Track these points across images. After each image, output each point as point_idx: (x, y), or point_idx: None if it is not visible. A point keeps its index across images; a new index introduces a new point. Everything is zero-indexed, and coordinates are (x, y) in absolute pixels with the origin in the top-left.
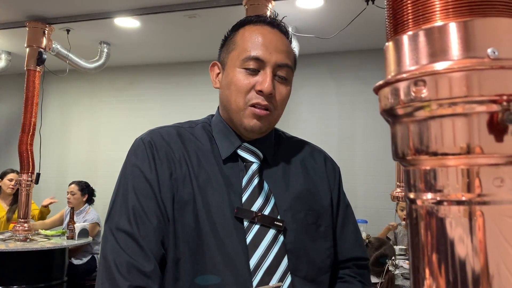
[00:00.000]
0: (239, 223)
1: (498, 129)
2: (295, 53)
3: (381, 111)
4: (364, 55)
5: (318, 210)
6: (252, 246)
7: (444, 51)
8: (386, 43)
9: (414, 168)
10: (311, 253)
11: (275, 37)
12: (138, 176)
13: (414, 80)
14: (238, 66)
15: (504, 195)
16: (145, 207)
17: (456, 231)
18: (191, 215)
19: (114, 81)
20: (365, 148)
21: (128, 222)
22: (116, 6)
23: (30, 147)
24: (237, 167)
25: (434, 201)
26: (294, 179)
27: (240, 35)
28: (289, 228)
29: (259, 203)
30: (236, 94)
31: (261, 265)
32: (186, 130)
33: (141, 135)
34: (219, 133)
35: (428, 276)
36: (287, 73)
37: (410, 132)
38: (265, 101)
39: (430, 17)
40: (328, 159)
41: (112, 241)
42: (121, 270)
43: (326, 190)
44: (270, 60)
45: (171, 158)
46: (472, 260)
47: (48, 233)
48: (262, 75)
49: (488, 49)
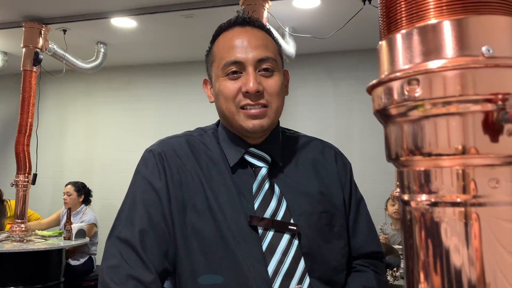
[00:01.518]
0: (254, 231)
1: (493, 129)
2: (275, 41)
3: (374, 111)
4: (361, 55)
5: (331, 211)
6: (268, 253)
7: (438, 50)
8: (379, 42)
9: (408, 169)
10: (326, 254)
11: (247, 34)
12: (147, 188)
13: (407, 79)
14: (221, 75)
15: (500, 196)
16: (152, 218)
17: (451, 233)
18: (205, 223)
19: (111, 81)
20: (362, 148)
21: (131, 233)
22: (113, 6)
23: (26, 148)
24: (247, 173)
25: (428, 202)
26: (306, 181)
27: (216, 46)
28: (303, 232)
29: (271, 208)
30: (226, 102)
31: (279, 270)
32: (196, 139)
33: (151, 146)
34: (224, 140)
35: (422, 279)
36: (272, 64)
37: (403, 133)
38: (255, 100)
39: (423, 15)
40: (338, 155)
41: (113, 250)
42: (117, 280)
43: (338, 189)
44: (248, 59)
45: (182, 169)
46: (467, 263)
47: (45, 234)
48: (245, 76)
49: (482, 47)
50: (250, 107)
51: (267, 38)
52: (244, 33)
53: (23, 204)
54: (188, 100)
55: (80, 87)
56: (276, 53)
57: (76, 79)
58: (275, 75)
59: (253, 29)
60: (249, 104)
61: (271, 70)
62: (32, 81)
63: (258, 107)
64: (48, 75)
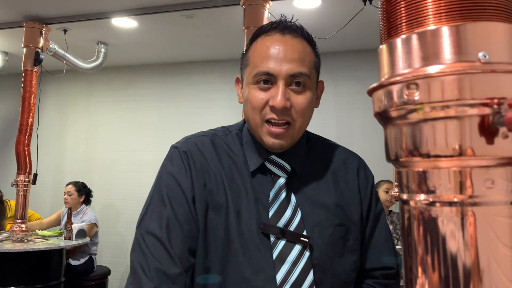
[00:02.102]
0: (266, 238)
1: (489, 131)
2: (314, 55)
3: (374, 113)
4: (362, 55)
5: (346, 224)
6: (278, 261)
7: (436, 55)
8: (380, 46)
9: (407, 170)
10: (337, 267)
11: (285, 45)
12: (173, 184)
13: (407, 83)
14: (251, 82)
15: (495, 196)
16: (178, 214)
17: (448, 231)
18: (223, 224)
19: (112, 81)
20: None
21: (159, 227)
22: (114, 6)
23: (27, 148)
24: (266, 179)
25: (426, 202)
26: (324, 192)
27: (252, 50)
28: (315, 244)
29: (285, 218)
30: (252, 111)
31: (287, 280)
32: (221, 139)
33: (176, 143)
34: (248, 144)
35: (420, 276)
36: (304, 80)
37: (403, 134)
38: (281, 116)
39: (423, 21)
40: (362, 167)
41: (141, 244)
42: (147, 273)
43: (356, 203)
44: (281, 73)
45: (206, 168)
46: (463, 260)
47: (46, 234)
48: (274, 89)
49: (479, 53)
50: (275, 121)
51: (305, 50)
52: (282, 42)
53: (23, 204)
54: (188, 100)
55: (81, 87)
56: (312, 67)
57: (76, 79)
58: (306, 91)
59: (293, 39)
60: (274, 118)
61: (303, 86)
62: (32, 81)
63: (281, 124)
64: (49, 75)
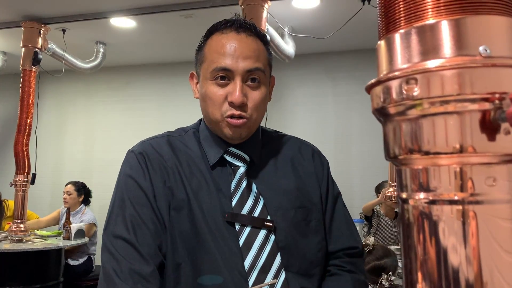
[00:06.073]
0: (231, 226)
1: (490, 127)
2: (267, 51)
3: (373, 110)
4: (360, 55)
5: (307, 206)
6: (245, 248)
7: (436, 49)
8: (378, 41)
9: (406, 168)
10: (302, 248)
11: (241, 42)
12: (133, 186)
13: (405, 78)
14: (209, 78)
15: (497, 194)
16: (142, 215)
17: (449, 230)
18: (187, 219)
19: (110, 81)
20: (361, 148)
21: (125, 229)
22: (112, 6)
23: (26, 148)
24: (226, 172)
25: (426, 200)
26: (283, 178)
27: (208, 46)
28: (279, 227)
29: (248, 205)
30: (212, 107)
31: (255, 265)
32: (176, 139)
33: (132, 147)
34: (206, 139)
35: (420, 276)
36: (260, 76)
37: (402, 131)
38: (238, 111)
39: (422, 15)
40: (315, 153)
41: (110, 249)
42: (121, 275)
43: (315, 185)
44: (238, 69)
45: (164, 167)
46: (464, 260)
47: (44, 234)
48: (232, 85)
49: (480, 47)
50: (233, 116)
51: (260, 48)
52: (238, 40)
53: (22, 204)
54: (187, 100)
55: (79, 87)
56: (266, 63)
57: (75, 79)
58: (261, 87)
59: (247, 37)
60: (233, 114)
61: (258, 82)
62: (31, 81)
63: (239, 117)
64: (47, 75)
